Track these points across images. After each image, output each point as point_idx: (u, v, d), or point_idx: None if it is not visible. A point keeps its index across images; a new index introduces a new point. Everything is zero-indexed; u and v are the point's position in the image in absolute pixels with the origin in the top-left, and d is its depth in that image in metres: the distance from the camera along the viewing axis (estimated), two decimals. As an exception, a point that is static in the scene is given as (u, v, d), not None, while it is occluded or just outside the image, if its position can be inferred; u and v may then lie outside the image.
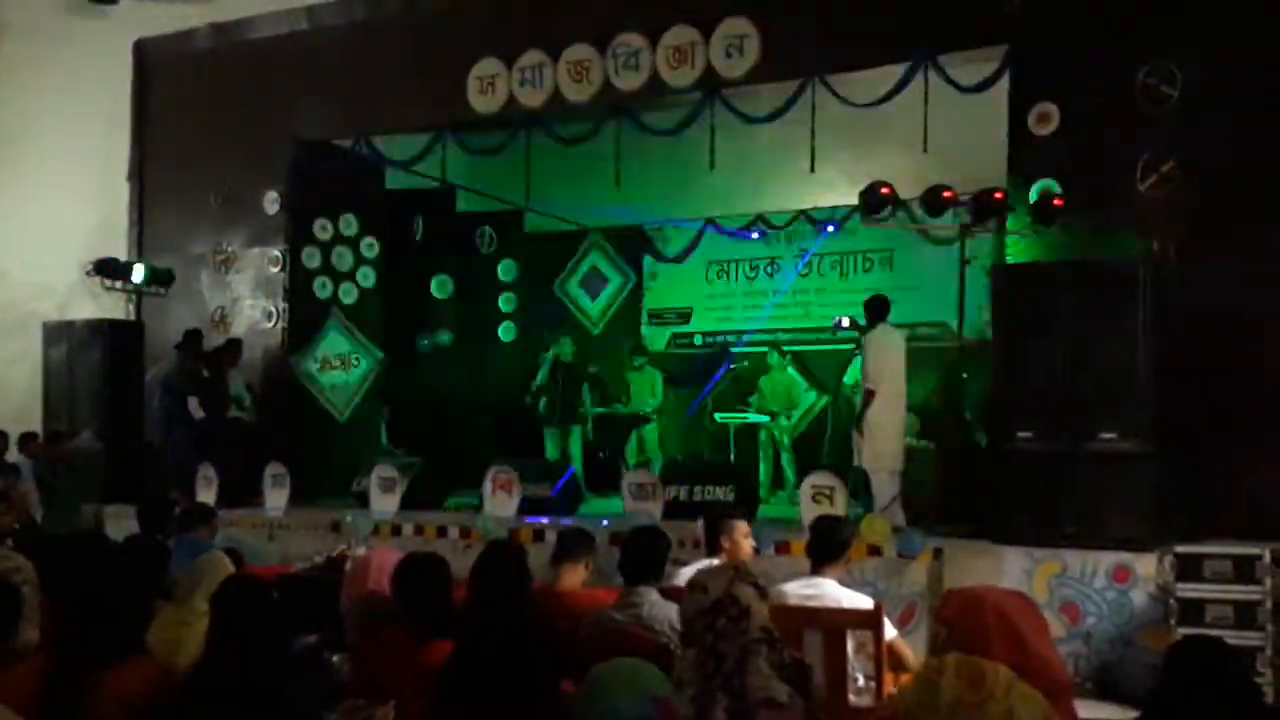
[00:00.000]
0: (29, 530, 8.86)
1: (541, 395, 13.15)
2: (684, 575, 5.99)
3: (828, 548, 5.62)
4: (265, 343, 13.18)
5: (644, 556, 5.19)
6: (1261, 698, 3.35)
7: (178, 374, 12.19)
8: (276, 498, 10.93)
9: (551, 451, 12.75)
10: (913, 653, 5.38)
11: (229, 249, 13.59)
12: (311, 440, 12.86)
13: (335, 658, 5.05)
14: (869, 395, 9.23)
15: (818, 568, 5.57)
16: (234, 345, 12.75)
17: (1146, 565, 7.35)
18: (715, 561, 5.99)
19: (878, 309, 9.60)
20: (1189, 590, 7.21)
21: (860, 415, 9.30)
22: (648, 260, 15.67)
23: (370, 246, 13.67)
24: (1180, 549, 7.31)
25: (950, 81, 9.62)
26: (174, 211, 14.11)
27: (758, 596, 3.11)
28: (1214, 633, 5.97)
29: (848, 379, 11.89)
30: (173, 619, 4.66)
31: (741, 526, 5.96)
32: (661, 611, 4.88)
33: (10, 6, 16.33)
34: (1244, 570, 7.19)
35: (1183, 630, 6.84)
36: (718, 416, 12.93)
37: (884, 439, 9.23)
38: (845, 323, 10.82)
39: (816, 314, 14.17)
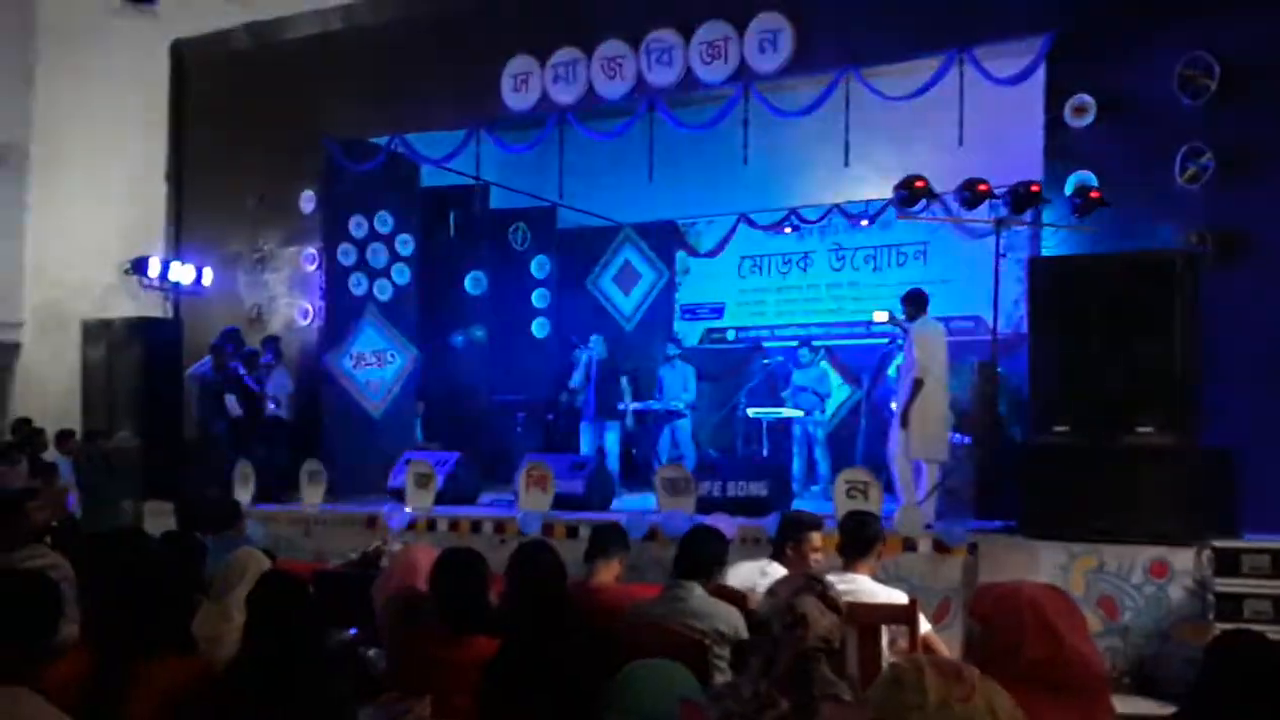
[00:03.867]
0: (67, 527, 8.93)
1: (579, 393, 13.19)
2: (736, 573, 6.00)
3: (858, 543, 5.62)
4: (301, 340, 13.26)
5: (702, 554, 5.19)
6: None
7: (215, 372, 12.28)
8: (313, 494, 10.99)
9: (587, 447, 12.76)
10: (948, 648, 5.36)
11: (265, 247, 13.68)
12: (347, 436, 12.95)
13: (372, 652, 5.09)
14: (917, 384, 9.21)
15: (850, 563, 5.57)
16: (272, 343, 12.83)
17: (1184, 560, 7.29)
18: (764, 563, 5.98)
19: (919, 301, 9.59)
20: (1227, 585, 7.16)
21: (907, 406, 9.27)
22: (681, 255, 15.67)
23: (405, 243, 13.75)
24: (1218, 543, 7.26)
25: (986, 74, 9.57)
26: (211, 210, 14.22)
27: (820, 608, 3.12)
28: (1252, 627, 5.92)
29: (891, 372, 11.85)
30: (213, 614, 4.71)
31: (814, 538, 5.94)
32: (705, 607, 4.88)
33: (48, 9, 16.48)
34: (1283, 565, 7.14)
35: (1221, 625, 6.79)
36: (750, 411, 12.90)
37: (928, 429, 9.22)
38: (885, 318, 10.79)
39: (850, 308, 14.13)
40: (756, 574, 5.79)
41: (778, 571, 5.67)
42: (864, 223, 13.90)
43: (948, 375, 9.52)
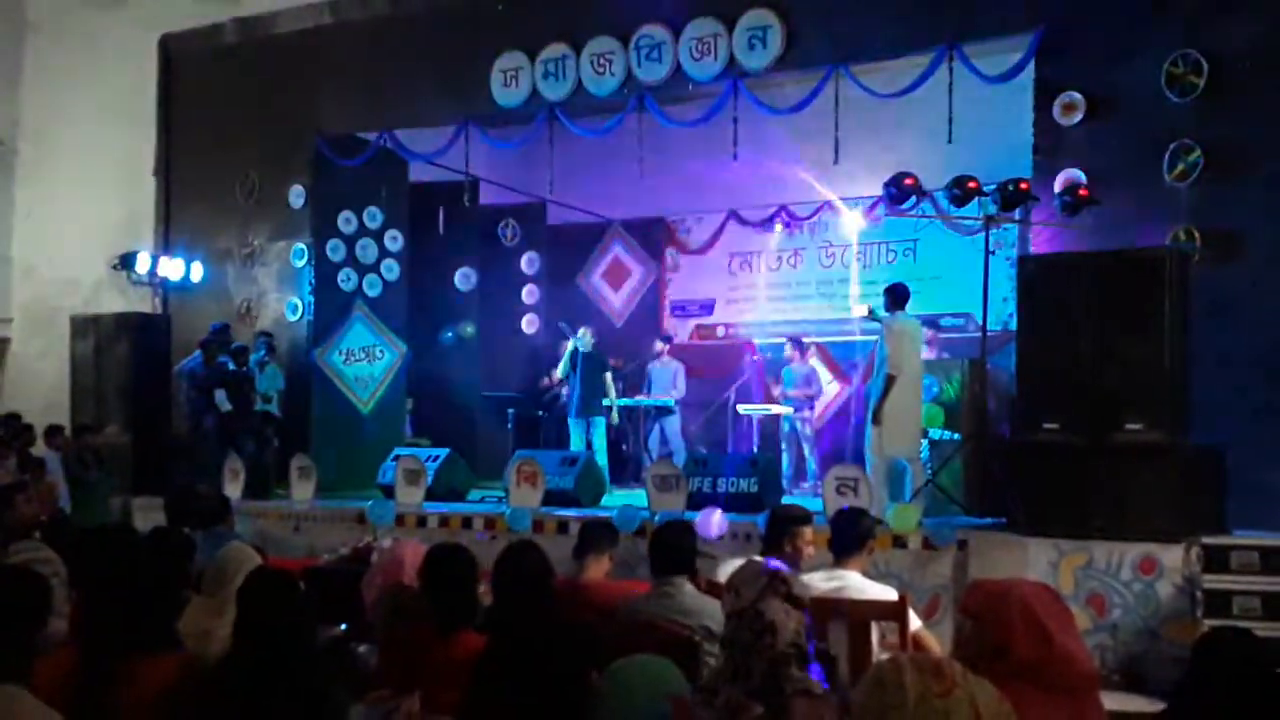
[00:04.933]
0: (57, 523, 8.91)
1: (564, 387, 13.19)
2: (726, 571, 6.01)
3: (849, 540, 5.62)
4: (290, 335, 13.24)
5: (675, 549, 5.19)
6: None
7: (204, 367, 12.26)
8: (302, 489, 10.97)
9: (576, 443, 12.75)
10: (938, 644, 5.37)
11: (254, 243, 13.65)
12: (336, 432, 12.93)
13: (362, 648, 5.08)
14: (890, 381, 9.17)
15: (841, 560, 5.57)
16: (265, 339, 12.81)
17: (1173, 557, 7.31)
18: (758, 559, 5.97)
19: (896, 295, 9.55)
20: (1215, 582, 7.18)
21: (880, 402, 9.25)
22: (670, 252, 15.68)
23: (394, 239, 13.73)
24: (1207, 540, 7.28)
25: (975, 71, 9.58)
26: (200, 206, 14.18)
27: (786, 609, 3.10)
28: (1241, 624, 5.94)
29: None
30: (204, 610, 4.69)
31: (807, 533, 5.94)
32: (695, 604, 4.88)
33: (37, 5, 16.44)
34: (1271, 561, 7.17)
35: (1209, 622, 6.82)
36: (740, 408, 12.91)
37: (901, 426, 9.18)
38: (864, 311, 10.81)
39: (840, 305, 14.16)
40: None
41: None
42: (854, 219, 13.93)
43: (922, 372, 9.49)
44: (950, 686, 2.08)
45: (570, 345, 12.88)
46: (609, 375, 13.20)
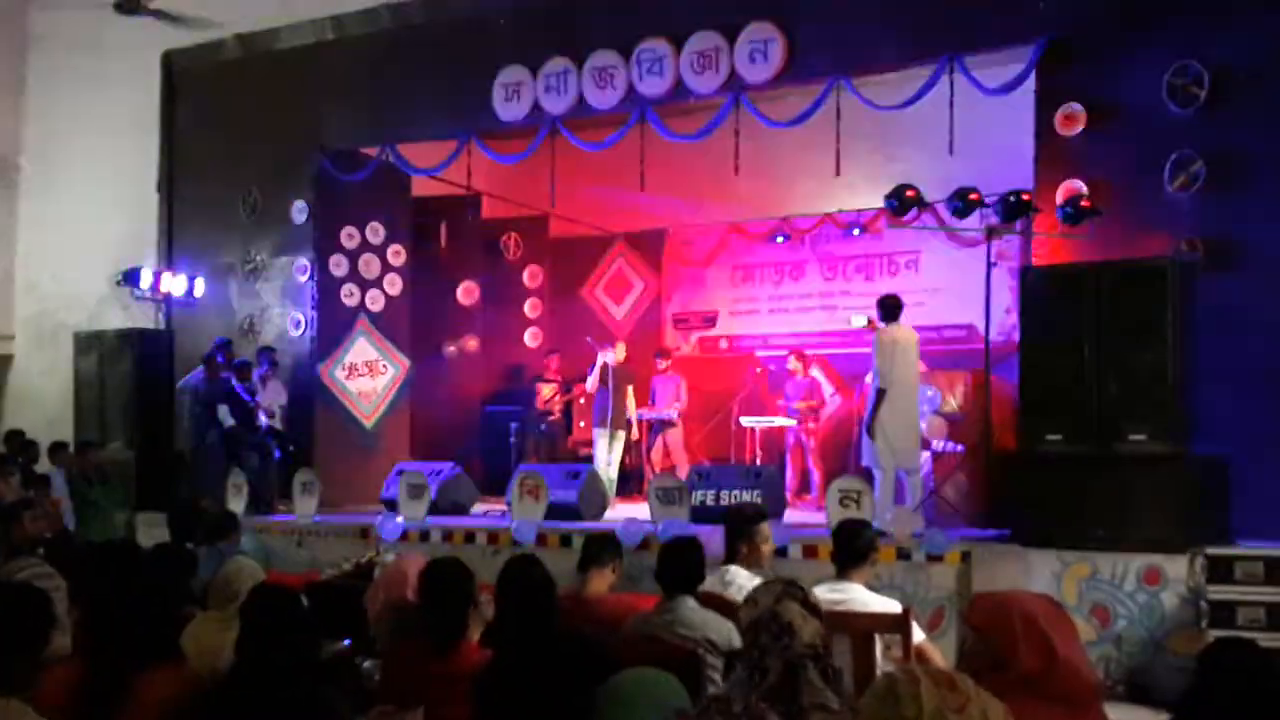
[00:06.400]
0: (61, 539, 8.91)
1: (557, 405, 13.21)
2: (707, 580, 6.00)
3: (852, 552, 5.61)
4: (294, 351, 13.24)
5: (681, 567, 5.18)
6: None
7: (207, 383, 12.27)
8: (306, 505, 10.97)
9: (601, 452, 12.73)
10: (941, 657, 5.36)
11: (257, 258, 13.65)
12: (340, 447, 12.92)
13: (365, 663, 5.08)
14: (880, 394, 9.17)
15: (844, 572, 5.56)
16: (268, 354, 12.80)
17: (1177, 567, 7.30)
18: (722, 572, 5.94)
19: (887, 307, 9.55)
20: (1220, 592, 7.18)
21: (872, 415, 9.24)
22: (672, 265, 15.67)
23: (397, 254, 13.73)
24: (1211, 551, 7.27)
25: (976, 83, 9.59)
26: (202, 221, 14.19)
27: (803, 613, 3.11)
28: (1246, 635, 5.93)
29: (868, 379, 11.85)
30: (212, 625, 4.69)
31: (763, 530, 5.96)
32: (695, 617, 4.88)
33: (41, 19, 16.47)
34: (1275, 572, 7.16)
35: (1214, 632, 6.80)
36: (744, 420, 12.89)
37: (896, 438, 9.16)
38: (863, 323, 10.80)
39: (842, 317, 14.14)
40: (718, 584, 5.74)
41: (739, 576, 5.68)
42: (855, 232, 13.92)
43: (918, 383, 9.47)
44: (965, 702, 2.08)
45: (600, 359, 12.87)
46: (631, 389, 13.20)
